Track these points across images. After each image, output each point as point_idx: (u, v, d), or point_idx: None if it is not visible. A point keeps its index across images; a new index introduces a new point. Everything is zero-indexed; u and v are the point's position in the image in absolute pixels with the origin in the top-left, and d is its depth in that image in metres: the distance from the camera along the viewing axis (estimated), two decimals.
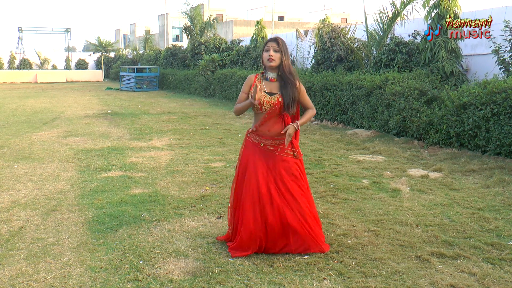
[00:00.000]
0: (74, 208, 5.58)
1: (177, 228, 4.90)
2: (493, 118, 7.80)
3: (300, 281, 3.74)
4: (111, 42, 45.78)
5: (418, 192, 6.24)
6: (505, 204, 5.69)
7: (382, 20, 12.30)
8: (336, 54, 13.15)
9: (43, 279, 3.77)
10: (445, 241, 4.53)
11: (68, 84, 36.03)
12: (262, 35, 19.85)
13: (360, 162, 8.02)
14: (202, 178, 7.01)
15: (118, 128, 12.18)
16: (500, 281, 3.73)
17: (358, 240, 4.58)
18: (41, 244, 4.50)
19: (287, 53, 4.22)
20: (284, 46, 4.19)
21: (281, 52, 4.15)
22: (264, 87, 4.22)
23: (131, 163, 7.97)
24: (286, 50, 4.20)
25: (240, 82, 18.23)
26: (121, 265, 4.01)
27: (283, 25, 40.96)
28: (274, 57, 4.13)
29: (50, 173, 7.30)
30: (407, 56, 11.37)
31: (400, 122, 9.81)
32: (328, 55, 13.51)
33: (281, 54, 4.15)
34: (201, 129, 11.96)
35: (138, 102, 20.03)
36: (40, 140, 10.23)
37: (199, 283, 3.69)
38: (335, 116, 12.28)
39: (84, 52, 57.16)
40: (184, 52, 27.39)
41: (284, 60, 4.16)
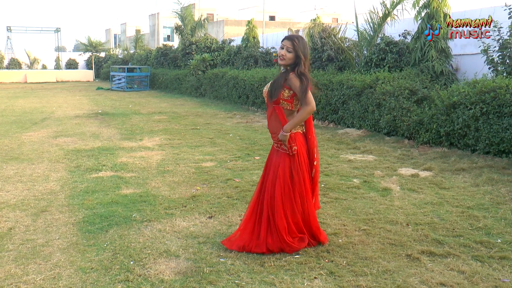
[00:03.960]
0: (64, 208, 5.55)
1: (168, 228, 4.89)
2: (482, 117, 7.85)
3: (291, 280, 3.75)
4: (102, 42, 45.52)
5: (408, 191, 6.27)
6: (494, 202, 5.73)
7: (373, 20, 12.33)
8: (326, 53, 13.17)
9: (33, 281, 3.75)
10: (435, 239, 4.56)
11: (58, 84, 35.82)
12: (253, 35, 19.83)
13: (351, 162, 8.05)
14: (193, 178, 7.00)
15: (109, 128, 12.13)
16: (489, 278, 3.76)
17: (349, 239, 4.59)
18: (31, 245, 4.47)
19: (305, 52, 4.14)
20: (301, 46, 4.13)
21: (294, 52, 4.11)
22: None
23: (122, 163, 7.94)
24: (303, 49, 4.13)
25: (231, 82, 18.22)
26: (111, 266, 4.00)
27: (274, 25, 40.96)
28: (285, 56, 4.14)
29: (39, 173, 7.26)
30: (397, 56, 11.42)
31: (390, 121, 9.85)
32: (319, 54, 13.53)
33: (295, 55, 4.12)
34: (192, 129, 11.94)
35: (128, 102, 19.97)
36: (29, 140, 10.17)
37: (190, 283, 3.69)
38: (326, 116, 12.31)
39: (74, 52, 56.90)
40: (175, 52, 27.33)
41: (302, 60, 4.11)
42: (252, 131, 11.54)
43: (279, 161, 4.25)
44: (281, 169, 4.23)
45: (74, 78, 40.25)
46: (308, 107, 4.10)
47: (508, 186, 6.37)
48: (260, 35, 20.87)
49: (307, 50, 4.20)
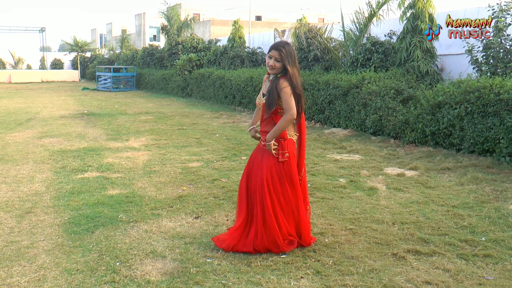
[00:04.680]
0: (49, 210, 5.51)
1: (154, 229, 4.87)
2: (467, 117, 7.92)
3: (278, 280, 3.75)
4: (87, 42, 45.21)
5: (394, 191, 6.31)
6: (479, 201, 5.79)
7: (359, 20, 12.39)
8: (313, 53, 13.20)
9: (17, 283, 3.71)
10: (421, 238, 4.60)
11: (43, 84, 35.50)
12: (239, 35, 19.82)
13: (337, 161, 8.08)
14: (180, 178, 6.98)
15: (95, 128, 12.05)
16: (473, 276, 3.80)
17: (335, 238, 4.61)
18: (15, 247, 4.43)
19: (292, 60, 4.17)
20: (288, 55, 4.16)
21: (282, 61, 4.14)
22: (264, 88, 4.34)
23: (108, 163, 7.89)
24: (290, 58, 4.16)
25: (217, 82, 18.20)
26: (97, 267, 3.97)
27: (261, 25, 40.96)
28: (274, 66, 4.18)
29: (24, 174, 7.19)
30: (383, 56, 11.48)
31: (376, 121, 9.90)
32: (305, 54, 13.56)
33: (282, 64, 4.15)
34: (179, 129, 11.90)
35: (115, 102, 19.85)
36: (14, 141, 10.07)
37: (176, 284, 3.68)
38: (312, 116, 12.34)
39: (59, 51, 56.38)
40: (161, 52, 27.23)
41: (289, 70, 4.14)
42: (239, 131, 11.54)
43: (270, 162, 4.24)
44: (270, 171, 4.22)
45: (59, 78, 39.88)
46: (287, 115, 4.09)
47: (492, 184, 6.44)
48: (246, 35, 20.86)
49: (295, 55, 4.23)
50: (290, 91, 4.11)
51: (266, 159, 4.23)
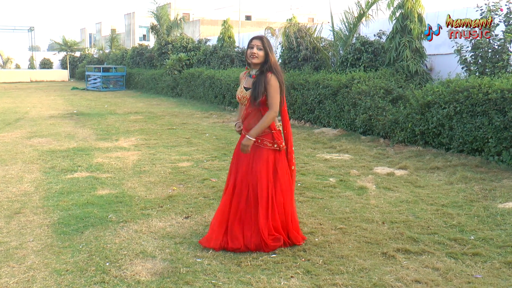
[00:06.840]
0: (38, 210, 5.47)
1: (144, 229, 4.85)
2: (456, 116, 7.98)
3: (268, 279, 3.75)
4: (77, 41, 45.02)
5: (384, 190, 6.34)
6: (468, 200, 5.83)
7: (348, 19, 12.42)
8: (302, 53, 13.22)
9: (6, 284, 3.68)
10: (410, 237, 4.62)
11: (32, 84, 35.28)
12: (229, 35, 19.79)
13: (327, 161, 8.10)
14: (170, 178, 6.96)
15: (84, 128, 11.99)
16: (462, 274, 3.83)
17: (325, 238, 4.62)
18: (4, 248, 4.40)
19: (272, 50, 4.32)
20: (269, 44, 4.31)
21: (265, 50, 4.25)
22: (245, 83, 4.40)
23: (98, 163, 7.86)
24: (270, 48, 4.31)
25: (207, 82, 18.17)
26: (87, 268, 3.96)
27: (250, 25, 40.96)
28: (257, 54, 4.25)
29: (13, 175, 7.13)
30: (372, 56, 11.52)
31: (366, 120, 9.93)
32: (295, 54, 13.58)
33: (265, 52, 4.25)
34: (168, 129, 11.88)
35: (104, 102, 19.76)
36: (2, 141, 9.99)
37: (166, 284, 3.67)
38: (302, 115, 12.36)
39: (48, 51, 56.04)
40: (151, 52, 27.14)
41: (270, 56, 4.26)
42: (229, 130, 11.53)
43: (261, 158, 4.25)
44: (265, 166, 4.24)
45: (48, 78, 39.64)
46: (271, 113, 4.21)
47: (481, 183, 6.49)
48: (236, 35, 20.83)
49: (271, 46, 4.37)
50: (278, 87, 4.21)
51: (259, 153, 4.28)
